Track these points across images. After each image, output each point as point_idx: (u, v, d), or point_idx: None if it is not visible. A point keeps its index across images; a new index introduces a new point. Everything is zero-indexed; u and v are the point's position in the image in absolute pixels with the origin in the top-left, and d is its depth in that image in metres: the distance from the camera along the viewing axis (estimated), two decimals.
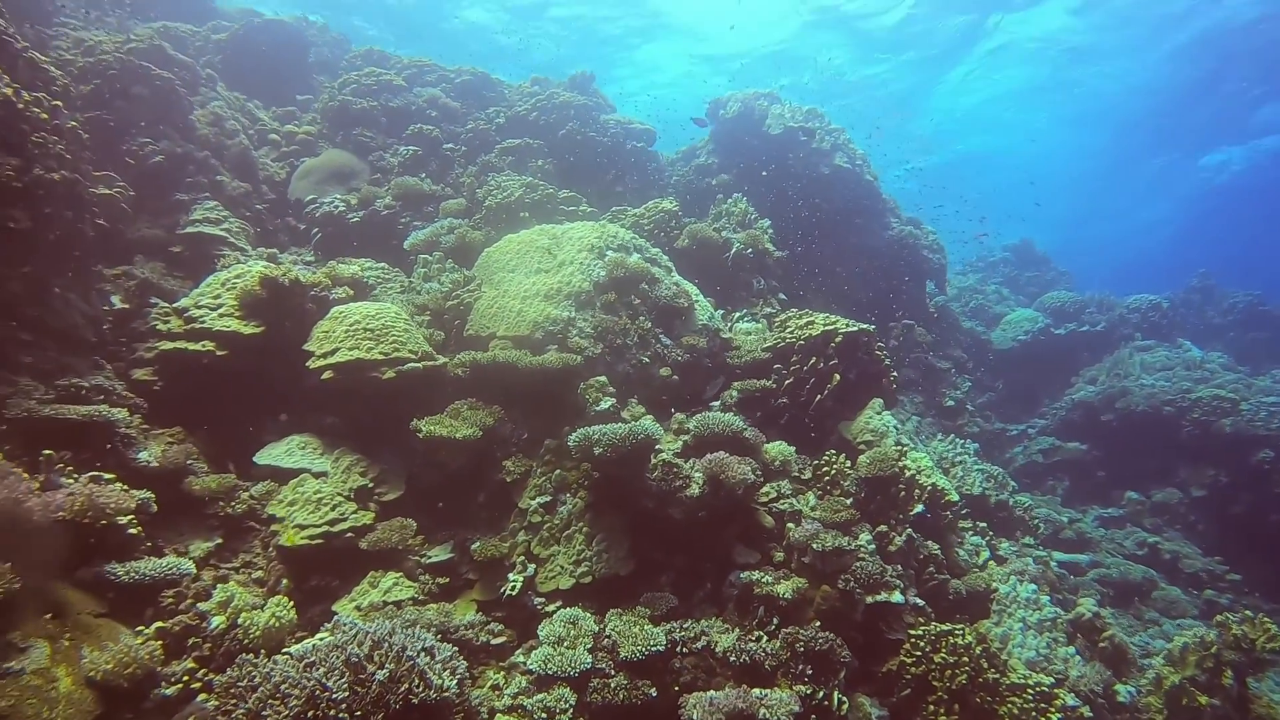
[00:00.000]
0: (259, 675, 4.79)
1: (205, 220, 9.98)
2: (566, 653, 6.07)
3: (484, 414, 7.38)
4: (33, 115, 6.62)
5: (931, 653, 6.40)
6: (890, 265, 15.21)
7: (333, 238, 11.15)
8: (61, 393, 6.59)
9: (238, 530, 6.97)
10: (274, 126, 13.09)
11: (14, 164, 6.43)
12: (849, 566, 6.69)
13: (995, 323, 19.27)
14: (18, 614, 4.85)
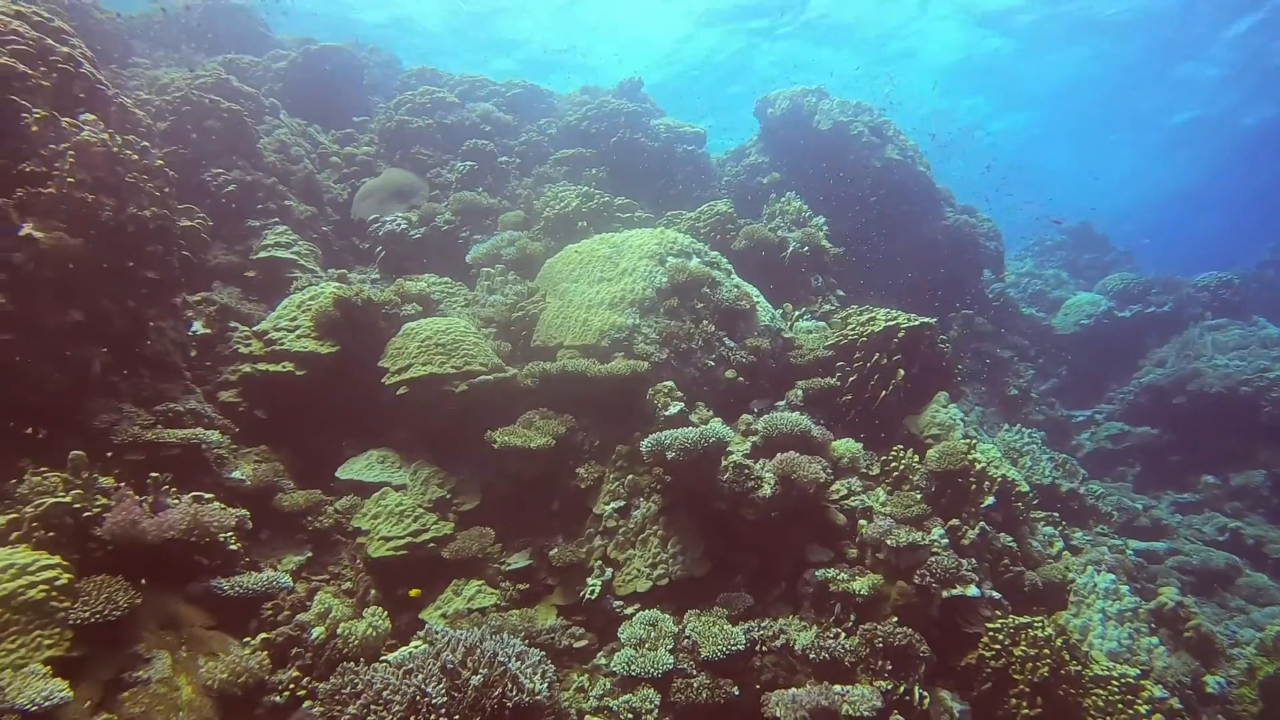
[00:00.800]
0: (361, 683, 5.03)
1: (276, 244, 10.35)
2: (649, 654, 6.22)
3: (556, 423, 7.56)
4: (127, 158, 6.96)
5: (1011, 646, 6.40)
6: (946, 255, 15.09)
7: (396, 255, 11.46)
8: (160, 418, 6.92)
9: (326, 543, 7.25)
10: (334, 149, 13.48)
11: (112, 204, 6.77)
12: (924, 562, 6.72)
13: (1055, 308, 18.95)
14: (140, 627, 5.15)
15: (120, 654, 4.98)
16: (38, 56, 6.99)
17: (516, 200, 12.37)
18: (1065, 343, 17.74)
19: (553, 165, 12.94)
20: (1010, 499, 8.39)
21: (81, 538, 5.32)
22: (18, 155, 6.53)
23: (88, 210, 6.69)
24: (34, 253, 6.27)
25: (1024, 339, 16.37)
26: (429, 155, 13.23)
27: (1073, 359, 17.53)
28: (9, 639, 4.45)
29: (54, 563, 4.83)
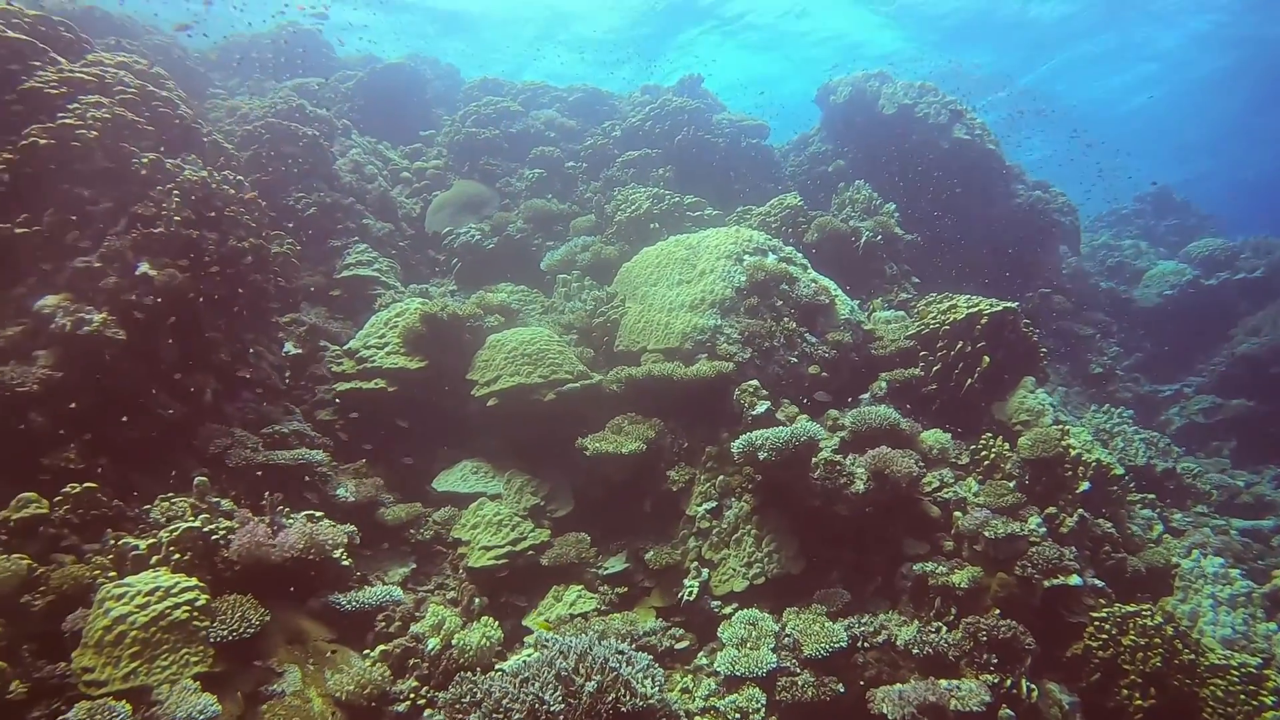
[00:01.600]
0: (480, 691, 5.22)
1: (358, 263, 10.68)
2: (751, 654, 6.31)
3: (645, 427, 7.68)
4: (224, 193, 7.30)
5: (1119, 635, 6.32)
6: (1020, 233, 14.80)
7: (471, 265, 11.72)
8: (268, 440, 7.24)
9: (428, 555, 7.50)
10: (404, 165, 13.83)
11: (213, 238, 7.11)
12: (1024, 552, 6.67)
13: (1136, 280, 18.38)
14: (270, 642, 5.44)
15: (255, 669, 5.26)
16: (142, 103, 7.36)
17: (586, 204, 12.54)
18: (1148, 315, 17.23)
19: (620, 168, 13.08)
20: (1105, 482, 8.25)
21: (211, 559, 5.63)
22: (130, 198, 6.89)
23: (193, 246, 7.03)
24: (150, 289, 6.61)
25: (1105, 314, 15.96)
26: (497, 164, 13.48)
27: (1156, 332, 17.02)
28: (161, 657, 4.75)
29: (193, 584, 5.12)
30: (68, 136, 6.67)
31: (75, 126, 6.71)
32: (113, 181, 6.93)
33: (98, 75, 7.29)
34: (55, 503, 5.65)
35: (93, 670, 4.60)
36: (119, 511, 6.05)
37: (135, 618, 4.78)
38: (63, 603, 4.99)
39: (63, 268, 6.60)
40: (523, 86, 15.90)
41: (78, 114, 6.81)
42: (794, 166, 15.51)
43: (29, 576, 4.84)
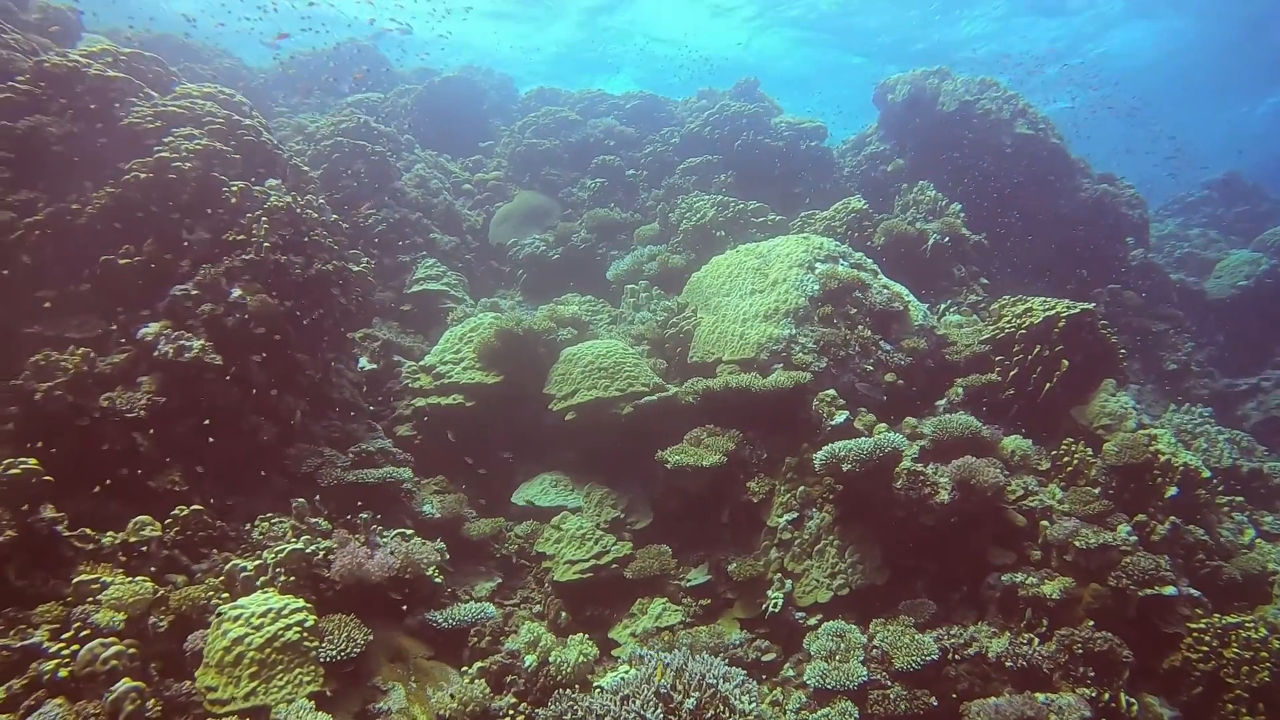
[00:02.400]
0: (581, 709, 5.29)
1: (427, 277, 10.87)
2: (841, 666, 6.31)
3: (724, 439, 7.71)
4: (308, 217, 7.49)
5: (1221, 648, 6.20)
6: (1087, 229, 14.51)
7: (536, 276, 11.87)
8: (356, 459, 7.42)
9: (512, 569, 7.62)
10: (465, 177, 14.03)
11: (299, 261, 7.30)
12: (1118, 562, 6.57)
13: (1206, 271, 17.90)
14: (373, 661, 5.58)
15: (362, 687, 5.41)
16: (228, 132, 7.57)
17: (648, 212, 12.61)
18: (1220, 307, 16.76)
19: (681, 175, 13.12)
20: (1193, 486, 8.08)
21: (314, 579, 5.79)
22: (222, 225, 7.11)
23: (281, 270, 7.23)
24: (244, 314, 6.81)
25: (1176, 308, 15.58)
26: (558, 175, 13.62)
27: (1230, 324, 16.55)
28: (277, 677, 4.91)
29: (301, 605, 5.28)
30: (165, 169, 6.90)
31: (171, 159, 6.94)
32: (205, 210, 7.15)
33: (188, 108, 7.52)
34: (166, 525, 5.87)
35: (216, 689, 4.77)
36: (222, 532, 6.26)
37: (251, 639, 4.95)
38: (181, 623, 5.19)
39: (162, 295, 6.84)
40: (579, 95, 16.01)
41: (172, 146, 7.04)
42: (852, 167, 15.39)
43: (154, 598, 5.03)
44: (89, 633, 4.66)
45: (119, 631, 4.73)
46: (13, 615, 4.75)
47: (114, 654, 4.53)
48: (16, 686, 4.40)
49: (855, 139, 16.16)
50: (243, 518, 6.67)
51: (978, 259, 11.57)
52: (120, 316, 6.89)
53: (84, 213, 6.94)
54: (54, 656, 4.50)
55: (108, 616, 4.71)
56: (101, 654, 4.49)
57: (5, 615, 4.73)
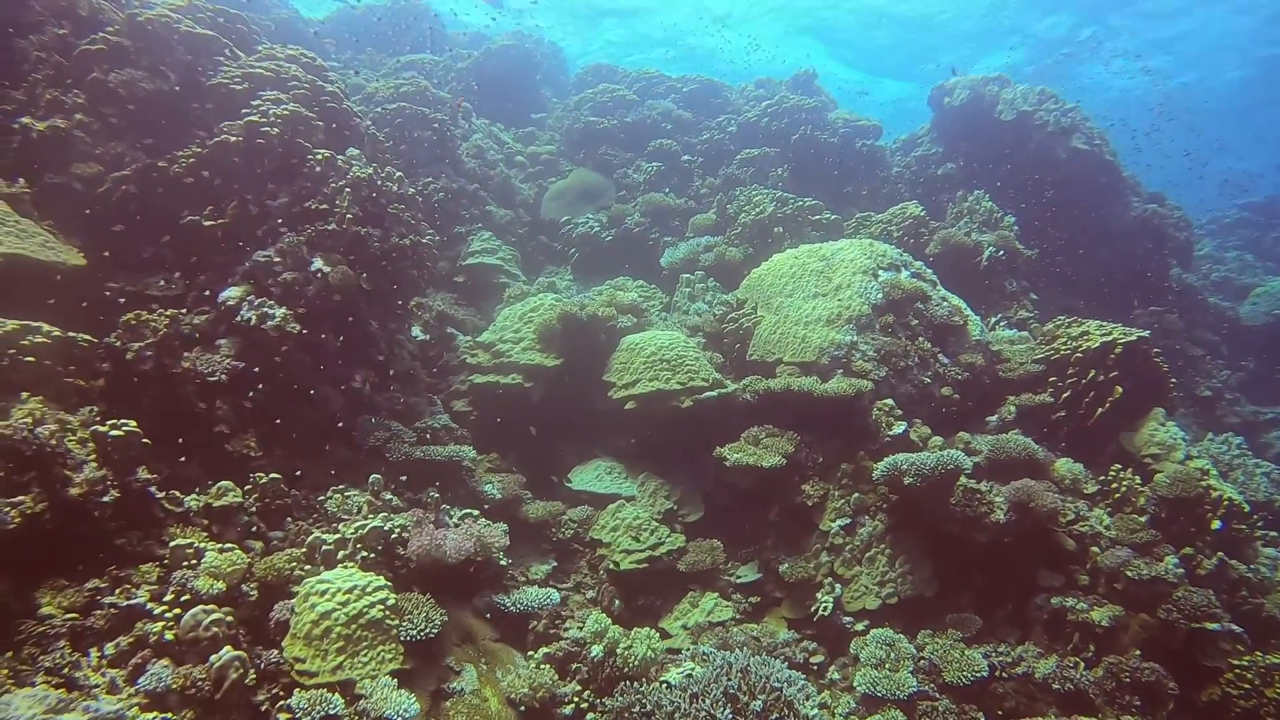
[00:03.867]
0: (650, 704, 5.42)
1: (483, 251, 10.89)
2: (892, 675, 6.44)
3: (783, 441, 7.79)
4: (387, 189, 7.52)
5: (1263, 686, 6.33)
6: (1133, 249, 14.50)
7: (588, 256, 11.88)
8: (421, 435, 7.50)
9: (566, 553, 7.73)
10: (518, 149, 13.99)
11: (378, 234, 7.34)
12: (1168, 595, 6.68)
13: (1242, 296, 17.88)
14: (446, 641, 5.70)
15: (436, 666, 5.53)
16: (312, 97, 7.58)
17: (701, 200, 12.60)
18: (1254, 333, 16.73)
19: (739, 166, 13.08)
20: (1233, 520, 8.18)
21: (390, 557, 5.90)
22: (304, 193, 7.14)
23: (360, 242, 7.27)
24: (323, 285, 6.86)
25: (1213, 334, 15.59)
26: (614, 155, 13.57)
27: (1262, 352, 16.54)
28: (362, 653, 5.03)
29: (383, 583, 5.39)
30: (254, 133, 6.92)
31: (260, 124, 6.95)
32: (289, 176, 7.17)
33: (274, 70, 7.51)
34: (245, 491, 5.97)
35: (304, 661, 4.89)
36: (295, 501, 6.36)
37: (338, 614, 5.06)
38: (266, 592, 5.30)
39: (243, 259, 6.89)
40: (636, 75, 15.90)
41: (261, 110, 7.05)
42: (901, 168, 15.33)
43: (247, 568, 5.14)
44: (189, 598, 4.77)
45: (217, 598, 4.83)
46: (116, 574, 4.86)
47: (214, 621, 4.64)
48: (124, 644, 4.52)
49: (906, 140, 16.08)
50: (310, 487, 6.77)
51: (1028, 274, 11.59)
52: (200, 278, 6.95)
53: (170, 171, 6.97)
54: (158, 619, 4.61)
55: (207, 584, 4.82)
56: (204, 620, 4.61)
57: (109, 574, 4.83)
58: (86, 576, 4.84)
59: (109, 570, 4.87)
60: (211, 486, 5.83)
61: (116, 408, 5.69)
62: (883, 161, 14.98)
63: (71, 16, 7.37)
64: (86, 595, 4.71)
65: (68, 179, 6.77)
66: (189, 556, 5.06)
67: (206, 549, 5.14)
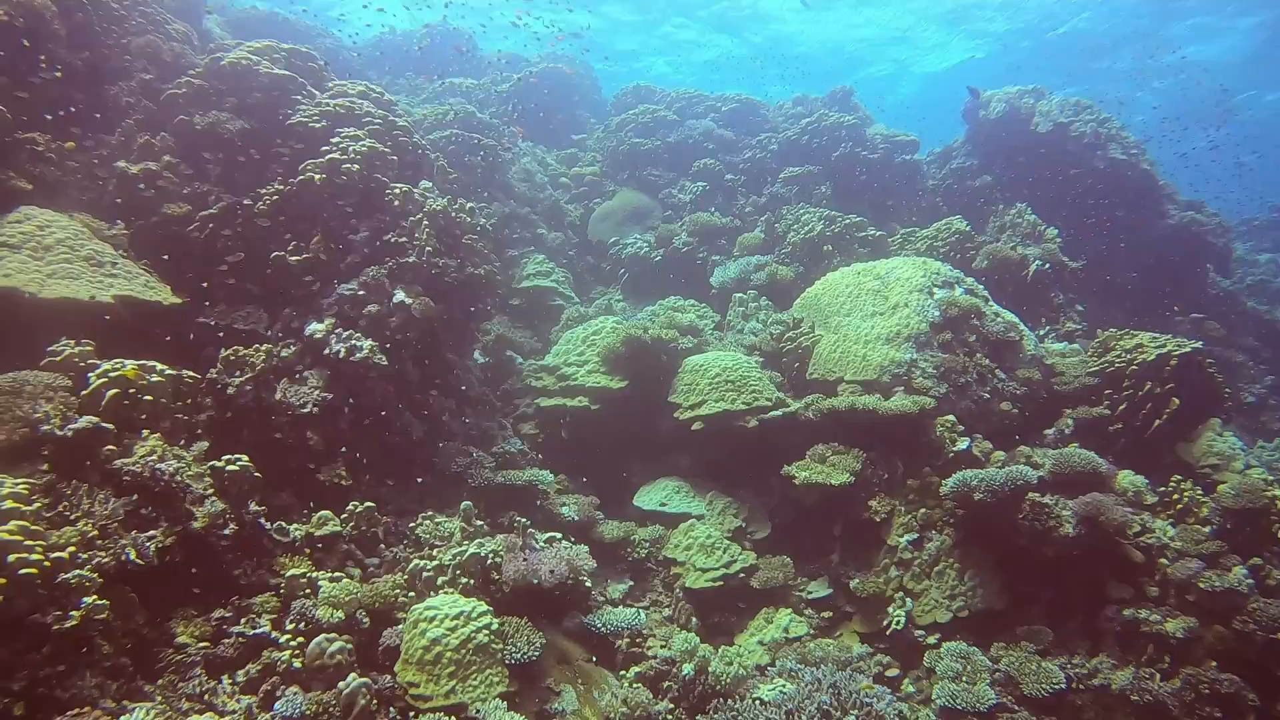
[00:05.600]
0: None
1: (537, 274, 11.11)
2: (971, 688, 6.57)
3: (850, 459, 7.93)
4: (462, 220, 7.74)
5: None
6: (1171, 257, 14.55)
7: (638, 276, 12.07)
8: (499, 459, 7.70)
9: (640, 572, 7.89)
10: (562, 170, 14.22)
11: (454, 264, 7.56)
12: (1243, 606, 6.77)
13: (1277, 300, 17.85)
14: (544, 662, 5.87)
15: (536, 688, 5.71)
16: (385, 132, 7.81)
17: (746, 218, 12.78)
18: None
19: (783, 184, 13.26)
20: None
21: (486, 581, 6.08)
22: (384, 227, 7.37)
23: (438, 273, 7.49)
24: (406, 316, 7.08)
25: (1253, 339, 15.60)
26: (659, 175, 13.78)
27: None
28: (472, 677, 5.21)
29: (485, 609, 5.57)
30: (335, 170, 7.16)
31: (341, 161, 7.19)
32: (369, 211, 7.41)
33: (349, 107, 7.76)
34: (343, 520, 6.18)
35: (418, 685, 5.08)
36: (388, 528, 6.57)
37: (448, 639, 5.24)
38: (374, 618, 5.49)
39: (327, 293, 7.12)
40: (675, 95, 16.12)
41: (341, 148, 7.29)
42: (937, 181, 15.45)
43: (361, 597, 5.34)
44: (310, 626, 4.97)
45: (337, 626, 5.03)
46: (238, 604, 5.07)
47: (338, 649, 4.83)
48: (254, 671, 4.72)
49: (941, 152, 16.19)
50: (395, 513, 6.98)
51: (1074, 285, 11.70)
52: (285, 311, 7.19)
53: (255, 208, 7.22)
54: (285, 647, 4.81)
55: (327, 613, 5.02)
56: (328, 648, 4.80)
57: (232, 604, 5.05)
58: (210, 606, 5.07)
59: (232, 600, 5.09)
60: (312, 516, 6.05)
61: (219, 441, 5.93)
62: (919, 175, 15.12)
63: (157, 62, 7.68)
64: (214, 624, 4.93)
65: (159, 219, 7.03)
66: (303, 586, 5.27)
67: (319, 579, 5.34)
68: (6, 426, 4.64)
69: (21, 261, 5.59)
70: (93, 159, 7.05)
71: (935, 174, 15.62)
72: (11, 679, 3.60)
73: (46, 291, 5.57)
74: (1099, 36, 30.36)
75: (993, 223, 12.31)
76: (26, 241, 5.72)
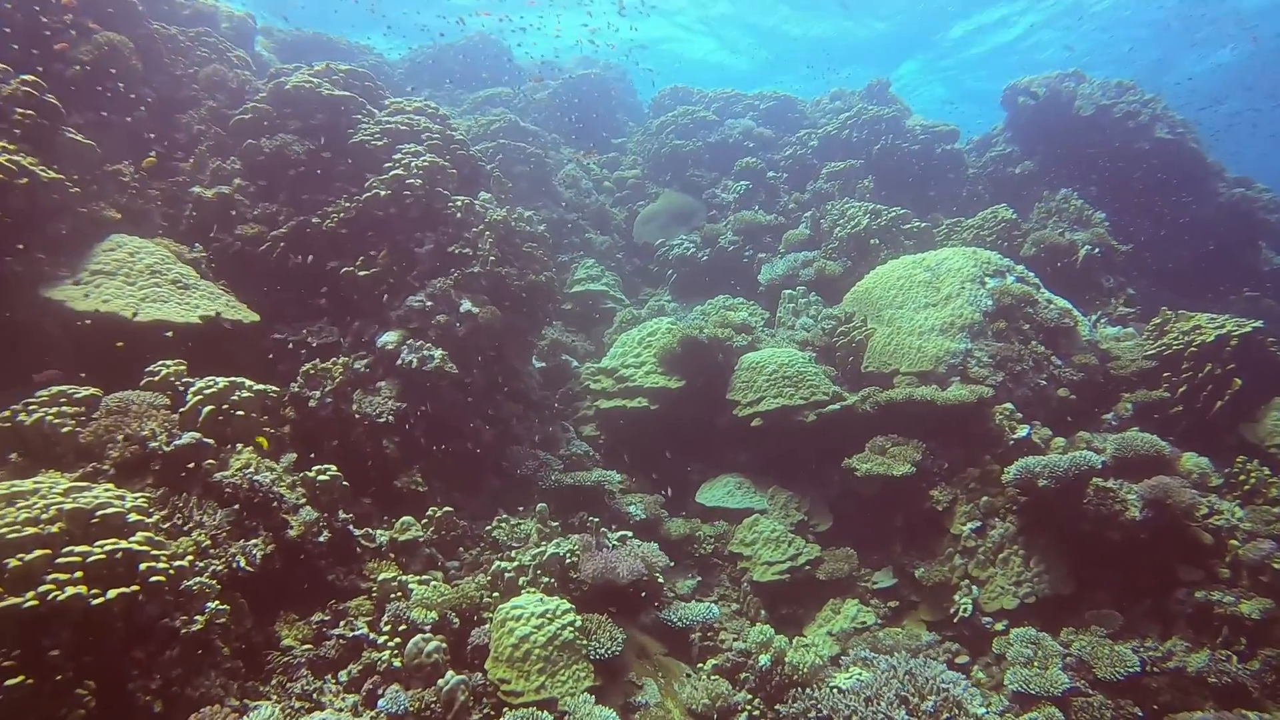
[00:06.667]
0: (825, 708, 5.70)
1: (588, 278, 11.29)
2: (1043, 673, 6.63)
3: (909, 449, 8.02)
4: (521, 229, 7.94)
5: None
6: (1222, 235, 14.39)
7: (686, 277, 12.22)
8: (566, 461, 7.89)
9: (707, 567, 8.04)
10: (604, 174, 14.40)
11: (515, 272, 7.75)
12: None
13: None
14: (625, 657, 6.04)
15: (619, 682, 5.87)
16: (444, 146, 8.03)
17: (790, 215, 12.87)
18: None
19: (826, 180, 13.33)
20: None
21: (565, 580, 6.26)
22: (447, 239, 7.58)
23: (500, 281, 7.69)
24: (473, 325, 7.29)
25: None
26: (700, 175, 13.92)
27: None
28: (560, 672, 5.38)
29: (569, 607, 5.74)
30: (400, 186, 7.38)
31: (405, 177, 7.42)
32: (432, 223, 7.63)
33: (408, 124, 7.99)
34: (423, 524, 6.39)
35: (509, 682, 5.26)
36: (466, 531, 6.78)
37: (535, 637, 5.42)
38: (461, 619, 5.69)
39: (396, 305, 7.35)
40: (714, 95, 16.25)
41: (404, 164, 7.52)
42: (977, 169, 15.39)
43: (451, 598, 5.54)
44: (406, 627, 5.18)
45: (431, 627, 5.24)
46: (335, 607, 5.30)
47: (435, 648, 5.03)
48: (355, 671, 4.94)
49: (980, 140, 16.12)
50: (468, 517, 7.18)
51: (1124, 268, 11.64)
52: (354, 324, 7.44)
53: (323, 226, 7.47)
54: (383, 648, 5.02)
55: (421, 614, 5.23)
56: (425, 648, 5.00)
57: (330, 607, 5.27)
58: (308, 610, 5.30)
59: (329, 604, 5.32)
60: (394, 522, 6.28)
61: (302, 451, 6.17)
62: (959, 164, 15.08)
63: (224, 89, 7.96)
64: (314, 627, 5.16)
65: (233, 240, 7.30)
66: (395, 589, 5.48)
67: (409, 582, 5.56)
68: (119, 445, 4.91)
69: (118, 287, 5.87)
70: (170, 185, 7.34)
71: (974, 162, 15.56)
72: (150, 678, 3.83)
73: (141, 315, 5.85)
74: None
75: (1038, 209, 12.26)
76: (120, 268, 6.01)
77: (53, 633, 3.59)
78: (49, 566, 3.69)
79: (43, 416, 4.97)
